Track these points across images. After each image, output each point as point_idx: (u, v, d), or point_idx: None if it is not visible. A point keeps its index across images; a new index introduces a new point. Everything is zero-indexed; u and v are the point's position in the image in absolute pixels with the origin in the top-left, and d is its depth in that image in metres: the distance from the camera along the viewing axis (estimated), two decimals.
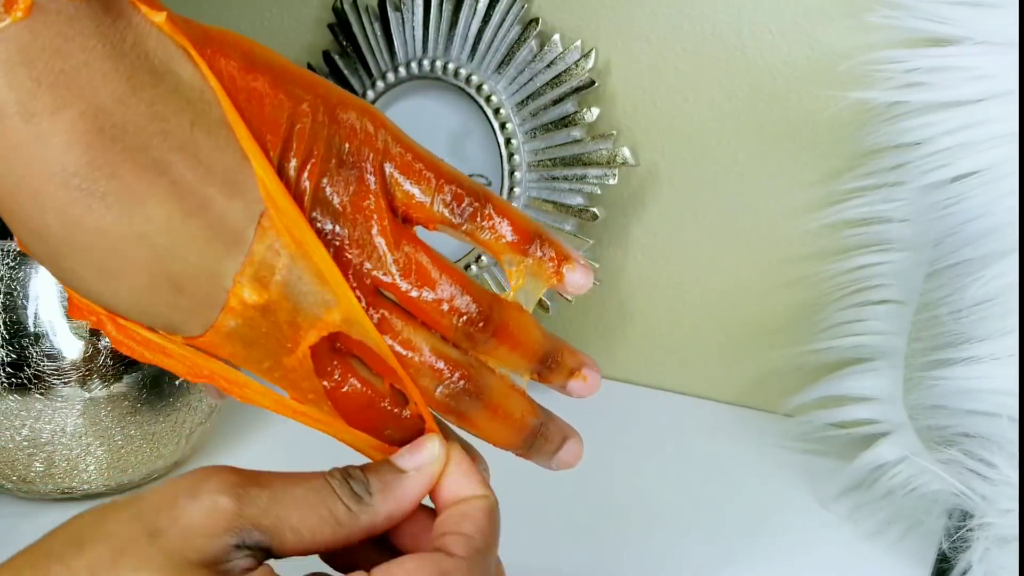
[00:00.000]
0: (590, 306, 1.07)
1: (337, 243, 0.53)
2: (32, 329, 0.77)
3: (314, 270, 0.51)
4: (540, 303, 0.99)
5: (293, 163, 0.52)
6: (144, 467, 0.83)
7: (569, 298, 0.96)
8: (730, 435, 1.00)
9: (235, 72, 0.52)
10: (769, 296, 1.00)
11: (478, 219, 0.56)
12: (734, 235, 0.99)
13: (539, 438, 0.60)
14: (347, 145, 0.54)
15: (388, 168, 0.55)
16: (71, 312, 0.53)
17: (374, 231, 0.53)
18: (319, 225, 0.52)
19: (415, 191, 0.55)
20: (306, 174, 0.52)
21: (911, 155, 0.82)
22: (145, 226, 0.48)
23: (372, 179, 0.54)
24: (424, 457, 0.53)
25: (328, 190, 0.53)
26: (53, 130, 0.47)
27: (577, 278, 0.59)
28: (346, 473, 0.52)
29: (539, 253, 0.58)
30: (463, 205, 0.56)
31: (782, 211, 0.97)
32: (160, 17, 0.51)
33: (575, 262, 0.58)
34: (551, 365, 0.60)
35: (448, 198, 0.56)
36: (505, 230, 0.57)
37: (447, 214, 0.56)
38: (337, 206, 0.53)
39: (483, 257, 1.00)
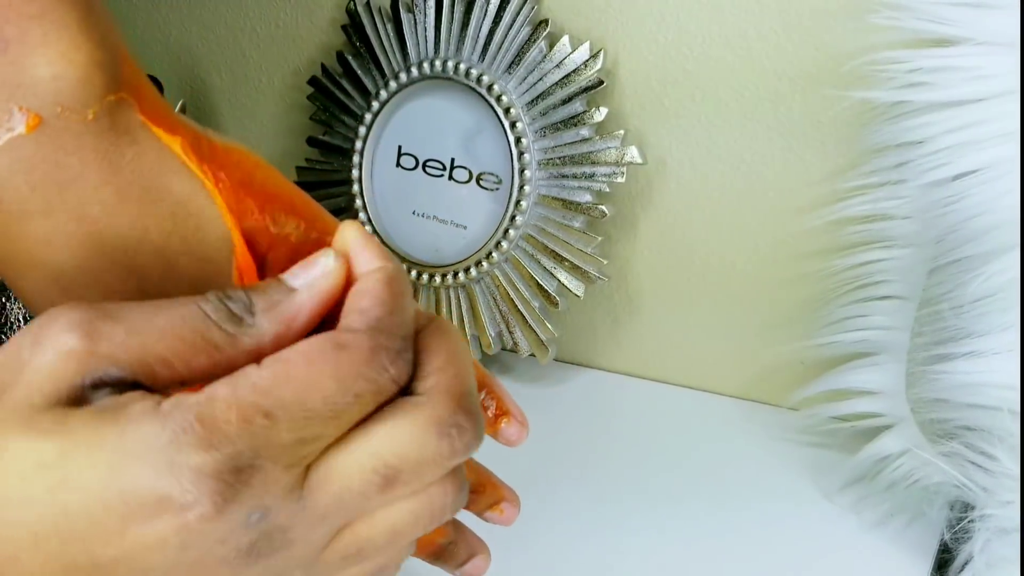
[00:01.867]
0: (599, 301, 1.07)
1: None
2: None
3: None
4: (549, 298, 0.99)
5: None
6: None
7: (578, 294, 0.97)
8: (736, 428, 1.00)
9: (228, 189, 0.54)
10: (774, 292, 1.00)
11: None
12: (739, 232, 0.99)
13: (445, 553, 0.62)
14: None
15: None
16: None
17: None
18: None
19: None
20: None
21: (913, 154, 0.82)
22: None
23: None
24: (315, 271, 0.47)
25: None
26: (39, 229, 0.50)
27: (511, 433, 0.61)
28: (223, 295, 0.45)
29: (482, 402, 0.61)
30: None
31: (787, 208, 0.97)
32: (175, 143, 0.52)
33: (512, 418, 0.61)
34: (472, 496, 0.63)
35: None
36: None
37: None
38: None
39: (494, 253, 1.00)
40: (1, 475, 0.41)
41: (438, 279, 1.03)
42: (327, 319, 0.47)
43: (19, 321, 0.77)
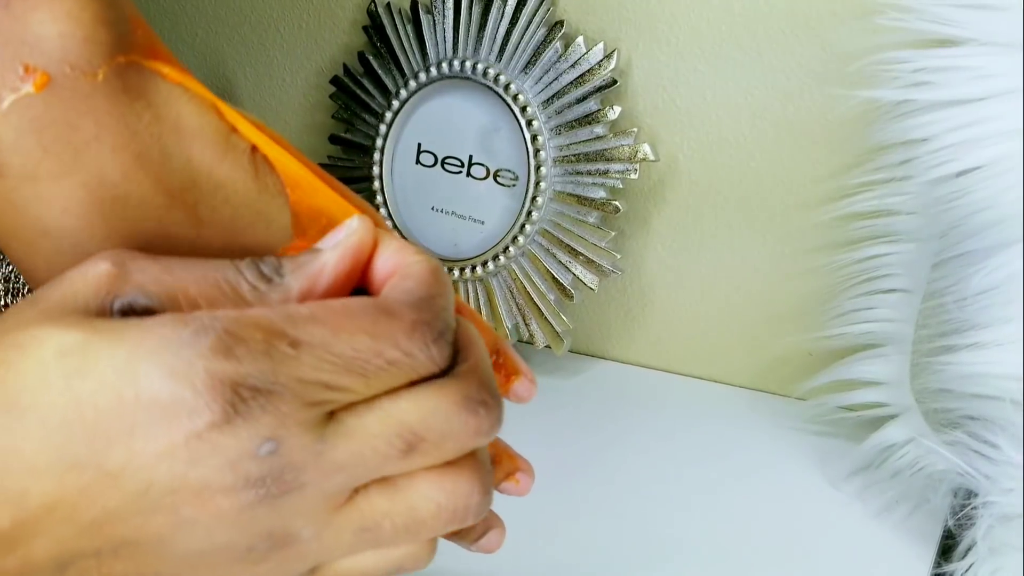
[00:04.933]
0: (612, 294, 1.08)
1: None
2: None
3: None
4: (564, 291, 0.99)
5: None
6: None
7: (592, 287, 0.97)
8: (745, 418, 1.01)
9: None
10: (783, 285, 1.00)
11: None
12: (749, 227, 1.00)
13: (462, 528, 0.61)
14: None
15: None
16: None
17: None
18: None
19: None
20: None
21: (918, 151, 0.82)
22: None
23: None
24: (341, 232, 0.47)
25: None
26: (52, 194, 0.47)
27: (521, 391, 0.60)
28: (256, 259, 0.46)
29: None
30: None
31: (795, 204, 0.97)
32: (214, 99, 0.51)
33: (523, 376, 0.60)
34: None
35: None
36: None
37: None
38: None
39: (511, 247, 1.00)
40: (21, 360, 0.41)
41: (456, 273, 1.04)
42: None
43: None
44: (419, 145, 1.05)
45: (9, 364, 0.41)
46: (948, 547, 0.84)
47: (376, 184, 1.06)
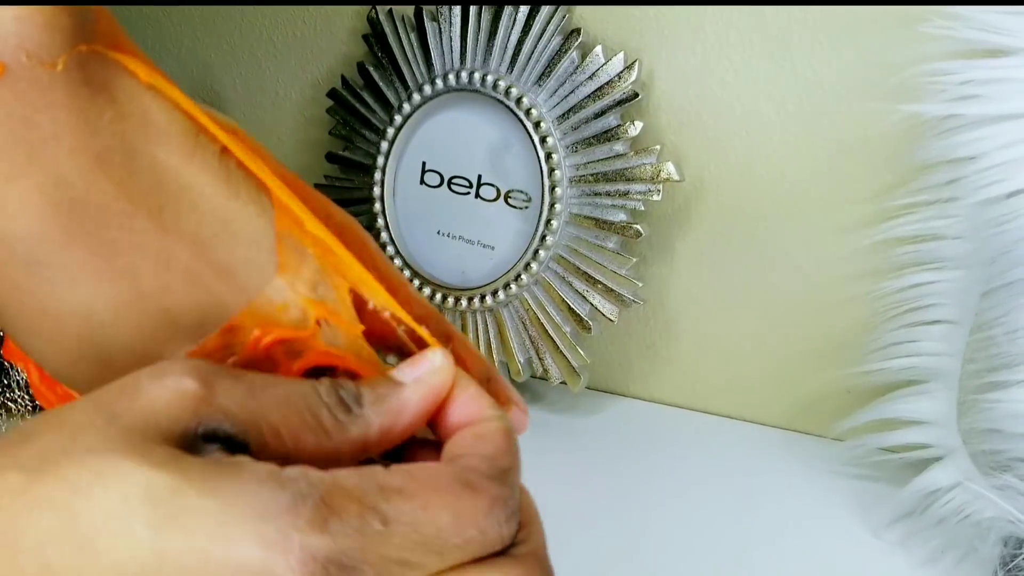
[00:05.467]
0: (634, 327, 1.08)
1: None
2: None
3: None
4: (581, 323, 0.99)
5: None
6: None
7: (612, 318, 0.97)
8: (778, 460, 1.01)
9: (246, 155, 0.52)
10: (819, 316, 1.00)
11: None
12: (783, 252, 1.00)
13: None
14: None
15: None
16: (4, 351, 0.53)
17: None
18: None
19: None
20: None
21: (965, 170, 0.82)
22: (90, 303, 0.48)
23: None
24: (423, 368, 0.49)
25: None
26: (4, 196, 0.46)
27: (515, 421, 0.59)
28: (336, 383, 0.47)
29: None
30: None
31: (832, 228, 0.97)
32: (182, 97, 0.50)
33: (515, 406, 0.59)
34: None
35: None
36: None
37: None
38: None
39: (523, 275, 1.00)
40: (102, 495, 0.40)
41: (464, 303, 1.04)
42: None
43: None
44: (424, 164, 1.05)
45: (86, 495, 0.40)
46: None
47: (377, 206, 1.06)
